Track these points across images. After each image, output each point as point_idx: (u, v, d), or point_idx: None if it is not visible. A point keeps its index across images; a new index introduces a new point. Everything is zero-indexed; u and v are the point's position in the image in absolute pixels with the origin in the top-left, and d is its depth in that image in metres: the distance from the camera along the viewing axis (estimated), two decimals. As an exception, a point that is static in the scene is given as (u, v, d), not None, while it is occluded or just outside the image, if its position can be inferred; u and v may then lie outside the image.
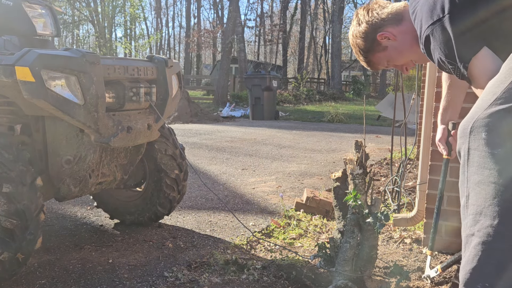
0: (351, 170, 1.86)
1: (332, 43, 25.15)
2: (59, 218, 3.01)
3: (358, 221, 1.84)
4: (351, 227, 1.85)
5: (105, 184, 2.43)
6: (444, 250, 2.39)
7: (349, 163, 1.87)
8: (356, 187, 1.83)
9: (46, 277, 2.12)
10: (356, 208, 1.83)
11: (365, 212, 1.82)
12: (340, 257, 1.86)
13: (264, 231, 2.86)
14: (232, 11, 16.50)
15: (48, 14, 2.52)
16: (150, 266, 2.28)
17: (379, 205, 1.84)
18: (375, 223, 1.78)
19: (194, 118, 10.56)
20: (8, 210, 1.81)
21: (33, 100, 1.84)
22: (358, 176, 1.83)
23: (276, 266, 2.23)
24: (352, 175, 1.85)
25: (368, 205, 1.84)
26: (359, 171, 1.84)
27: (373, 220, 1.78)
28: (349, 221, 1.86)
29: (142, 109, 2.33)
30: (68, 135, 2.09)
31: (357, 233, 1.85)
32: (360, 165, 1.84)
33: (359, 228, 1.85)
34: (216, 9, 32.18)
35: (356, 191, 1.82)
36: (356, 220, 1.84)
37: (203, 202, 3.51)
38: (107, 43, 19.94)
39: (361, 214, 1.83)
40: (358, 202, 1.81)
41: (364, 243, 1.86)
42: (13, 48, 2.29)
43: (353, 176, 1.84)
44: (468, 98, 2.31)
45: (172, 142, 2.70)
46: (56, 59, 1.87)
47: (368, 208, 1.83)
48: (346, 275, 1.82)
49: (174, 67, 2.50)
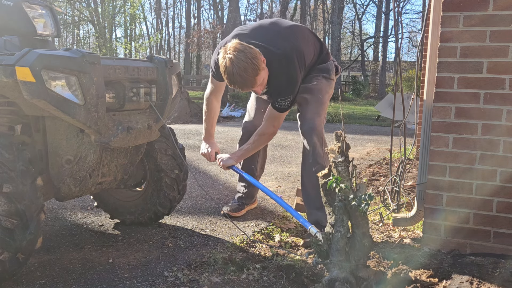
0: (333, 158, 1.90)
1: (332, 43, 25.13)
2: (59, 218, 3.01)
3: (346, 208, 1.86)
4: (339, 215, 1.87)
5: (105, 184, 2.44)
6: (443, 249, 2.40)
7: (330, 152, 1.92)
8: (339, 174, 1.87)
9: (47, 276, 2.13)
10: (341, 194, 1.85)
11: (350, 197, 1.84)
12: (333, 248, 1.88)
13: (264, 230, 2.86)
14: (232, 12, 16.52)
15: (49, 15, 2.52)
16: (150, 265, 2.28)
17: (364, 189, 1.87)
18: (360, 205, 1.80)
19: (194, 118, 10.57)
20: (8, 210, 1.81)
21: (34, 100, 1.85)
22: (340, 163, 1.87)
23: (276, 266, 2.24)
24: (335, 163, 1.89)
25: (353, 191, 1.86)
26: (340, 159, 1.87)
27: (358, 202, 1.81)
28: (337, 210, 1.88)
29: (142, 109, 2.34)
30: (68, 135, 2.10)
31: (347, 221, 1.88)
32: (341, 154, 1.88)
33: (348, 216, 1.88)
34: (216, 10, 32.20)
35: (337, 176, 1.86)
36: (344, 208, 1.86)
37: (203, 202, 3.52)
38: (107, 43, 19.94)
39: (347, 200, 1.85)
40: (340, 185, 1.84)
41: (355, 231, 1.88)
42: (14, 49, 2.30)
43: (335, 164, 1.89)
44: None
45: (172, 142, 2.71)
46: (57, 60, 1.88)
47: (353, 194, 1.85)
48: (341, 265, 1.84)
49: (174, 67, 2.51)
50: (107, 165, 2.36)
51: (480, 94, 2.27)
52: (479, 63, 2.27)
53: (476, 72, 2.28)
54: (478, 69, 2.27)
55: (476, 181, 2.32)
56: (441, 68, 2.34)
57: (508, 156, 2.25)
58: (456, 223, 2.38)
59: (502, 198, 2.27)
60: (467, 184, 2.34)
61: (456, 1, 2.27)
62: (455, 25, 2.29)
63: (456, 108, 2.33)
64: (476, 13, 2.24)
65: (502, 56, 2.22)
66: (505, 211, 2.27)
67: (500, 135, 2.26)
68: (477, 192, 2.32)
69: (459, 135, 2.33)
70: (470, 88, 2.29)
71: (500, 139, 2.26)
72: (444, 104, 2.35)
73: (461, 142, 2.33)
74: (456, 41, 2.29)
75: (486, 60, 2.25)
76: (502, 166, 2.26)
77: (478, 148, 2.30)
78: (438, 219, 2.42)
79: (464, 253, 2.36)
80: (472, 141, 2.31)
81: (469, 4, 2.25)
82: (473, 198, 2.33)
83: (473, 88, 2.29)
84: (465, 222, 2.37)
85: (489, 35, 2.23)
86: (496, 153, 2.27)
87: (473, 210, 2.34)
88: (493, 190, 2.29)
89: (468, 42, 2.27)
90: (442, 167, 2.38)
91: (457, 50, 2.30)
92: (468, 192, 2.34)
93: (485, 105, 2.27)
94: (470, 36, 2.27)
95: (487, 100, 2.27)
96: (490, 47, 2.24)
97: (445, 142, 2.36)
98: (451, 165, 2.36)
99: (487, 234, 2.33)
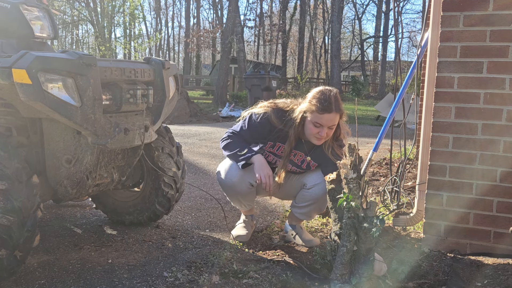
0: (345, 174, 1.84)
1: (332, 43, 25.12)
2: (58, 219, 3.00)
3: (354, 225, 1.83)
4: (347, 231, 1.84)
5: (102, 186, 2.43)
6: (444, 250, 2.39)
7: (342, 167, 1.86)
8: (351, 191, 1.82)
9: (46, 277, 2.12)
10: (351, 212, 1.82)
11: (360, 215, 1.81)
12: (337, 261, 1.86)
13: (264, 231, 2.86)
14: (231, 11, 16.51)
15: (46, 17, 2.51)
16: (150, 266, 2.28)
17: (374, 208, 1.83)
18: (370, 229, 1.78)
19: (193, 118, 10.56)
20: (4, 207, 1.81)
21: (30, 102, 1.84)
22: (352, 181, 1.82)
23: (276, 266, 2.23)
24: (346, 179, 1.84)
25: (363, 209, 1.83)
26: (353, 175, 1.82)
27: (369, 225, 1.78)
28: (345, 226, 1.85)
29: (139, 111, 2.33)
30: (65, 137, 2.09)
31: (354, 237, 1.84)
32: (354, 169, 1.83)
33: (355, 231, 1.85)
34: (215, 9, 32.17)
35: (348, 194, 1.82)
36: (352, 224, 1.83)
37: (202, 202, 3.51)
38: (106, 43, 19.95)
39: (357, 217, 1.82)
40: (351, 204, 1.81)
41: (361, 246, 1.85)
42: (11, 51, 2.29)
43: (347, 181, 1.83)
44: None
45: (168, 140, 2.70)
46: (53, 61, 1.87)
47: (364, 212, 1.82)
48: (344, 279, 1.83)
49: (172, 69, 2.50)
50: (104, 167, 2.35)
51: (480, 94, 2.27)
52: (479, 63, 2.26)
53: (476, 72, 2.27)
54: (478, 69, 2.26)
55: (476, 181, 2.31)
56: (441, 68, 2.33)
57: (508, 156, 2.24)
58: (456, 223, 2.37)
59: (502, 198, 2.27)
60: (467, 184, 2.33)
61: (456, 0, 2.26)
62: (455, 25, 2.28)
63: (456, 108, 2.32)
64: (476, 12, 2.23)
65: (502, 56, 2.21)
66: (505, 211, 2.27)
67: (500, 135, 2.25)
68: (477, 192, 2.31)
69: (459, 135, 2.32)
70: (470, 88, 2.29)
71: (500, 139, 2.25)
72: (444, 104, 2.34)
73: (461, 142, 2.32)
74: (456, 40, 2.29)
75: (486, 60, 2.24)
76: (502, 166, 2.25)
77: (478, 148, 2.29)
78: (438, 219, 2.41)
79: (464, 253, 2.36)
80: (472, 141, 2.30)
81: (469, 3, 2.24)
82: (473, 198, 2.32)
83: (473, 88, 2.28)
84: (465, 222, 2.36)
85: (489, 35, 2.22)
86: (496, 153, 2.26)
87: (473, 210, 2.33)
88: (493, 190, 2.28)
89: (468, 41, 2.27)
90: (442, 167, 2.37)
91: (457, 50, 2.29)
92: (468, 192, 2.33)
93: (485, 105, 2.26)
94: (470, 35, 2.26)
95: (487, 100, 2.26)
96: (490, 47, 2.23)
97: (445, 142, 2.35)
98: (451, 165, 2.35)
99: (487, 234, 2.32)
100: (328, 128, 2.35)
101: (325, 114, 2.31)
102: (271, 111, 2.46)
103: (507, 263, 2.16)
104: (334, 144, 2.47)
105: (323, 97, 2.33)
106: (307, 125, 2.39)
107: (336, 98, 2.34)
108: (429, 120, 2.46)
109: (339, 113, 2.35)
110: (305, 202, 2.53)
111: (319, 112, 2.31)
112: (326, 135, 2.36)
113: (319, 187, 2.46)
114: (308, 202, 2.52)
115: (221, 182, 2.57)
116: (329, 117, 2.32)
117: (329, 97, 2.32)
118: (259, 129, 2.48)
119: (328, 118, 2.32)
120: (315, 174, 2.51)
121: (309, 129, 2.38)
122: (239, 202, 2.61)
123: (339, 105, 2.35)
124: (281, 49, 32.55)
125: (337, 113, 2.33)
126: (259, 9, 33.77)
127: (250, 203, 2.66)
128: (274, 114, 2.45)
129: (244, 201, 2.60)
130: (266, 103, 2.55)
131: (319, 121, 2.32)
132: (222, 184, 2.58)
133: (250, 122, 2.50)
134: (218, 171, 2.60)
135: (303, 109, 2.38)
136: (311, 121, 2.35)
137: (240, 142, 2.50)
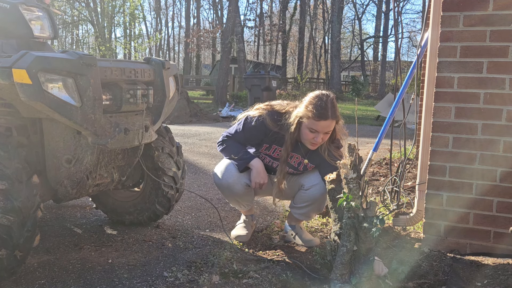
0: (345, 174, 1.84)
1: (332, 43, 25.15)
2: (58, 218, 3.00)
3: (354, 224, 1.83)
4: (347, 230, 1.84)
5: (102, 186, 2.43)
6: (444, 250, 2.39)
7: (342, 167, 1.85)
8: (351, 191, 1.82)
9: (46, 277, 2.12)
10: (351, 212, 1.82)
11: (360, 215, 1.81)
12: (337, 261, 1.86)
13: (264, 231, 2.86)
14: (231, 11, 16.51)
15: (45, 17, 2.51)
16: (150, 266, 2.28)
17: (374, 208, 1.83)
18: (370, 229, 1.78)
19: (193, 118, 10.56)
20: (4, 207, 1.81)
21: (30, 102, 1.84)
22: (352, 181, 1.82)
23: (276, 266, 2.23)
24: (346, 179, 1.83)
25: (363, 209, 1.83)
26: (353, 175, 1.82)
27: (369, 225, 1.78)
28: (345, 226, 1.85)
29: (139, 111, 2.33)
30: (65, 137, 2.09)
31: (354, 237, 1.84)
32: (354, 169, 1.83)
33: (355, 231, 1.84)
34: (215, 9, 32.18)
35: (348, 194, 1.82)
36: (352, 224, 1.83)
37: (202, 202, 3.51)
38: (106, 43, 19.95)
39: (356, 217, 1.82)
40: (351, 204, 1.80)
41: (361, 246, 1.85)
42: (11, 51, 2.29)
43: (347, 181, 1.83)
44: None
45: (168, 140, 2.71)
46: (53, 61, 1.87)
47: (364, 212, 1.82)
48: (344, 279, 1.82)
49: (172, 69, 2.50)
50: (104, 167, 2.35)
51: (480, 94, 2.27)
52: (479, 63, 2.26)
53: (476, 72, 2.27)
54: (478, 69, 2.26)
55: (476, 181, 2.31)
56: (441, 68, 2.33)
57: (508, 156, 2.24)
58: (456, 223, 2.37)
59: (502, 198, 2.27)
60: (467, 184, 2.33)
61: (456, 0, 2.26)
62: (455, 25, 2.28)
63: (456, 108, 2.32)
64: (476, 12, 2.23)
65: (502, 56, 2.21)
66: (505, 211, 2.27)
67: (500, 135, 2.25)
68: (477, 192, 2.31)
69: (459, 135, 2.32)
70: (470, 88, 2.29)
71: (500, 139, 2.25)
72: (444, 104, 2.34)
73: (461, 142, 2.32)
74: (456, 40, 2.29)
75: (486, 60, 2.24)
76: (502, 166, 2.25)
77: (478, 148, 2.29)
78: (438, 219, 2.41)
79: (464, 253, 2.36)
80: (472, 141, 2.30)
81: (469, 3, 2.24)
82: (473, 198, 2.32)
83: (473, 88, 2.28)
84: (465, 222, 2.36)
85: (489, 35, 2.22)
86: (496, 153, 2.26)
87: (473, 210, 2.33)
88: (493, 190, 2.28)
89: (468, 41, 2.27)
90: (442, 167, 2.37)
91: (457, 49, 2.29)
92: (468, 192, 2.33)
93: (485, 105, 2.26)
94: (470, 35, 2.26)
95: (487, 100, 2.26)
96: (490, 47, 2.23)
97: (445, 142, 2.35)
98: (451, 165, 2.35)
99: (487, 234, 2.32)
100: (324, 134, 2.35)
101: (321, 121, 2.30)
102: (266, 114, 2.45)
103: (507, 263, 2.16)
104: (330, 146, 2.47)
105: (319, 103, 2.31)
106: (302, 130, 2.38)
107: (332, 104, 2.32)
108: (429, 120, 2.46)
109: (335, 119, 2.34)
110: (303, 203, 2.53)
111: (315, 119, 2.30)
112: (322, 140, 2.36)
113: (317, 187, 2.46)
114: (306, 203, 2.52)
115: (218, 184, 2.57)
116: (325, 124, 2.31)
117: (325, 104, 2.30)
118: (254, 132, 2.48)
119: (324, 125, 2.31)
120: (313, 175, 2.51)
121: (304, 134, 2.38)
122: (238, 202, 2.61)
123: (336, 112, 2.33)
124: (281, 49, 32.56)
125: (333, 120, 2.33)
126: (259, 9, 33.82)
127: (249, 203, 2.66)
128: (269, 117, 2.45)
129: (242, 201, 2.60)
130: (262, 105, 2.54)
131: (314, 127, 2.32)
132: (218, 186, 2.58)
133: (245, 125, 2.49)
134: (214, 173, 2.60)
135: (299, 114, 2.37)
136: (307, 127, 2.34)
137: (236, 145, 2.51)
